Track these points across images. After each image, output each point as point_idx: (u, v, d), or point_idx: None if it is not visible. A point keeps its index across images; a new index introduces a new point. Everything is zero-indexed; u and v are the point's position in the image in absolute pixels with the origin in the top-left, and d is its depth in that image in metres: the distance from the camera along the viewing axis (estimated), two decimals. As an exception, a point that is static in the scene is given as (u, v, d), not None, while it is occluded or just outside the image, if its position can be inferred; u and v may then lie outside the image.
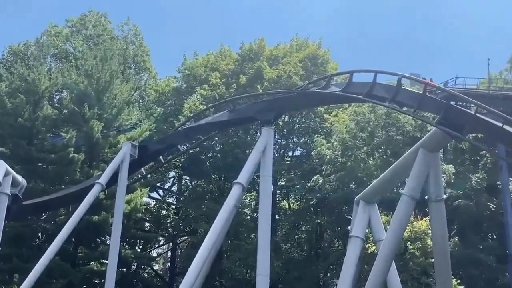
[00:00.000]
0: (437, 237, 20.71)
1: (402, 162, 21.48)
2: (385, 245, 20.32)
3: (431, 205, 20.27)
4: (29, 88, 42.37)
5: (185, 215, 48.70)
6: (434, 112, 20.23)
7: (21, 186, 30.49)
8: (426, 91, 18.94)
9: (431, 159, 19.77)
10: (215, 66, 49.41)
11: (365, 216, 22.89)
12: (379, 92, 20.40)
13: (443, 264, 20.57)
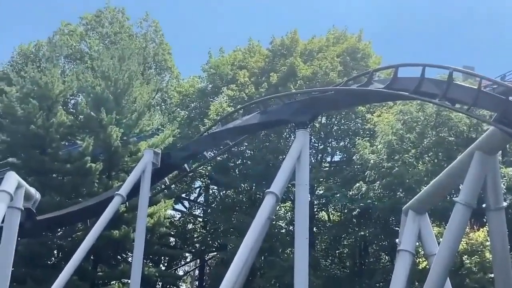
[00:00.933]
0: (496, 250, 20.29)
1: (456, 166, 21.11)
2: (438, 259, 19.99)
3: (489, 214, 19.89)
4: (42, 92, 42.97)
5: (213, 228, 48.85)
6: (491, 110, 19.88)
7: (34, 200, 30.87)
8: (481, 86, 18.61)
9: (488, 162, 19.40)
10: (243, 63, 49.49)
11: (415, 228, 22.57)
12: (428, 88, 20.12)
13: (504, 280, 20.13)
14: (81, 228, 41.91)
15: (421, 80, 20.15)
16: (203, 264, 54.31)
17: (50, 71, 43.85)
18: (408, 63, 22.18)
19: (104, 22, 62.98)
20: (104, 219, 28.21)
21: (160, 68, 64.31)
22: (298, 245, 22.44)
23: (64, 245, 43.07)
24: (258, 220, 21.68)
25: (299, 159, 23.28)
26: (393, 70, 22.21)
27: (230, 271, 20.11)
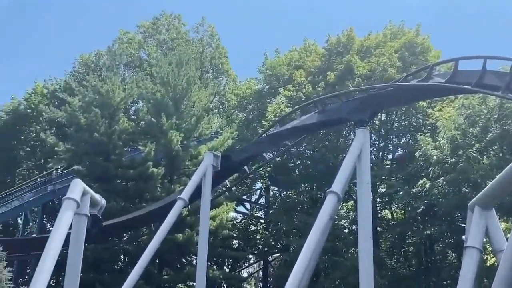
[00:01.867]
0: None
1: (523, 159, 20.50)
2: (507, 255, 19.40)
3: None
4: (103, 101, 43.99)
5: (275, 230, 48.86)
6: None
7: (100, 206, 31.50)
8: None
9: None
10: (300, 63, 49.33)
11: (482, 224, 21.95)
12: (490, 80, 19.64)
13: None
14: (146, 232, 42.66)
15: (482, 73, 19.68)
16: (267, 266, 54.37)
17: (111, 79, 44.83)
18: (468, 56, 21.70)
19: (161, 29, 64.07)
20: (168, 223, 28.58)
21: (217, 71, 64.93)
22: (362, 245, 22.18)
23: (130, 250, 43.89)
24: (320, 220, 21.52)
25: (360, 158, 23.01)
26: (453, 63, 21.77)
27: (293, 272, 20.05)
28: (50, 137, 46.51)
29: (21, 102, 61.33)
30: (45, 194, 50.03)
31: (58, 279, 48.61)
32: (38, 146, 59.37)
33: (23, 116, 60.29)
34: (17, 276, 45.78)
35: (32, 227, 55.05)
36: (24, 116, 60.27)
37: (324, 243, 24.38)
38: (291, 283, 19.81)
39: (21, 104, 61.10)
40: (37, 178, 53.13)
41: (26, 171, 60.69)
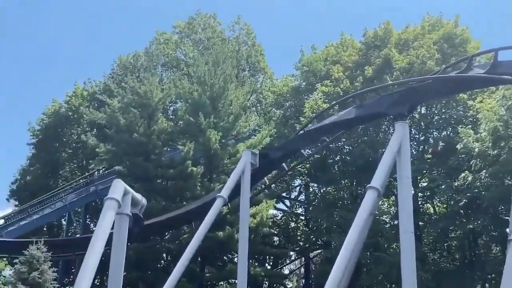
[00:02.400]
0: None
1: None
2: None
3: None
4: (142, 101, 44.50)
5: (316, 226, 48.75)
6: None
7: (141, 205, 31.85)
8: None
9: None
10: (336, 58, 49.03)
11: (526, 216, 21.56)
12: (531, 70, 19.24)
13: None
14: (187, 230, 43.01)
15: (524, 63, 19.31)
16: (308, 262, 54.28)
17: (149, 80, 45.31)
18: (508, 46, 21.25)
19: (197, 28, 64.43)
20: (208, 221, 28.72)
21: (254, 69, 65.01)
22: (404, 240, 21.95)
23: (172, 248, 44.37)
24: (361, 216, 21.37)
25: (400, 152, 22.77)
26: (493, 54, 21.36)
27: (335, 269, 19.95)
28: (91, 139, 47.25)
29: (62, 105, 62.39)
30: (87, 195, 50.87)
31: (102, 278, 49.43)
32: (80, 148, 60.38)
33: (64, 119, 61.34)
34: (61, 276, 46.62)
35: (76, 228, 56.00)
36: (65, 118, 61.32)
37: (365, 238, 24.21)
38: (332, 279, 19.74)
39: (62, 107, 62.17)
40: (79, 179, 54.05)
41: (69, 172, 61.76)
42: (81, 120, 59.52)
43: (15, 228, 45.89)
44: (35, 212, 47.56)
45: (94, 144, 46.42)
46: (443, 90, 26.75)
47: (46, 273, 24.50)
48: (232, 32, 65.82)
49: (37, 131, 61.73)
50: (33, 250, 25.07)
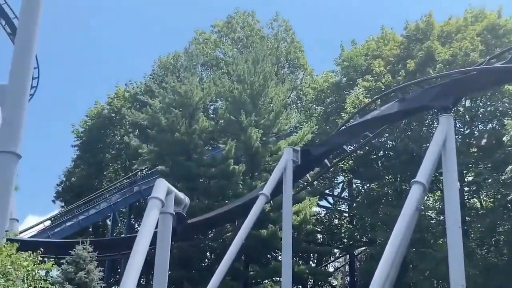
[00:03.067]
0: None
1: None
2: None
3: None
4: (182, 101, 44.80)
5: (360, 223, 48.33)
6: None
7: (184, 204, 32.11)
8: None
9: None
10: (377, 53, 48.48)
11: None
12: None
13: None
14: (230, 229, 43.15)
15: None
16: (353, 260, 53.88)
17: (189, 79, 45.57)
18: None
19: (235, 27, 64.51)
20: (251, 219, 28.77)
21: (293, 66, 64.80)
22: (451, 235, 21.62)
23: (215, 247, 44.57)
24: (406, 211, 21.10)
25: (445, 146, 22.42)
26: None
27: (380, 266, 19.73)
28: (133, 140, 47.77)
29: (105, 107, 63.24)
30: (131, 195, 51.48)
31: (147, 277, 49.93)
32: (123, 149, 61.12)
33: (107, 120, 62.19)
34: (108, 275, 47.30)
35: (121, 228, 56.74)
36: (108, 120, 62.15)
37: (411, 234, 23.88)
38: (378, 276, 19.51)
39: (105, 109, 63.02)
40: (123, 179, 54.70)
41: (113, 173, 62.58)
42: (123, 121, 60.22)
43: (62, 229, 46.72)
44: (80, 213, 48.35)
45: (137, 145, 46.93)
46: (488, 82, 26.24)
47: (92, 273, 24.81)
48: (270, 30, 65.78)
49: (81, 133, 62.73)
50: (79, 250, 25.42)
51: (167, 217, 29.42)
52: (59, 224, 47.60)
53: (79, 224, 47.83)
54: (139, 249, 24.92)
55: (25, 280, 17.20)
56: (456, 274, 20.92)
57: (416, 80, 29.37)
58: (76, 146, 63.20)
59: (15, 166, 26.52)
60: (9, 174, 26.29)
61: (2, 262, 16.76)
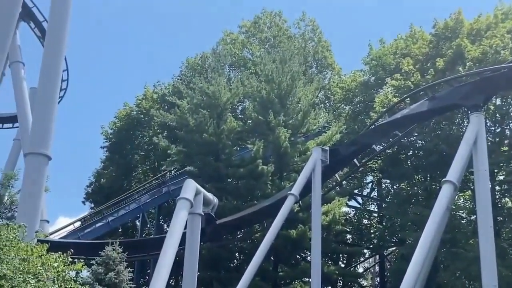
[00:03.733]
0: None
1: None
2: None
3: None
4: (210, 101, 44.96)
5: (390, 223, 47.99)
6: None
7: (213, 205, 32.32)
8: None
9: None
10: (406, 51, 48.12)
11: None
12: None
13: None
14: (259, 229, 43.17)
15: None
16: (383, 260, 53.50)
17: (217, 80, 45.71)
18: None
19: (262, 27, 64.57)
20: (280, 219, 28.83)
21: (321, 66, 64.62)
22: (483, 235, 21.44)
23: (244, 247, 44.66)
24: (437, 211, 20.97)
25: (475, 144, 22.22)
26: None
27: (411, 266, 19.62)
28: (162, 141, 48.06)
29: (133, 108, 63.71)
30: (160, 196, 51.74)
31: (177, 278, 50.23)
32: (152, 150, 61.53)
33: (136, 122, 62.63)
34: (137, 276, 47.70)
35: (150, 229, 57.12)
36: (137, 121, 62.60)
37: (441, 234, 23.73)
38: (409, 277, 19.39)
39: (133, 110, 63.48)
40: (152, 180, 55.03)
41: (142, 174, 63.03)
42: (152, 122, 60.59)
43: (92, 229, 47.16)
44: (110, 214, 48.77)
45: (165, 146, 47.21)
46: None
47: (122, 274, 25.00)
48: (297, 29, 65.68)
49: (110, 135, 63.26)
50: (109, 251, 25.63)
51: (196, 217, 29.62)
52: (89, 225, 48.06)
53: (108, 225, 48.21)
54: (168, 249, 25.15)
55: (56, 281, 17.35)
56: (488, 274, 20.73)
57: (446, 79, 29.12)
58: (105, 147, 63.77)
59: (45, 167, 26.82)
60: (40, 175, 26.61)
61: (33, 263, 16.96)
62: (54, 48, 27.98)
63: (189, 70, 62.88)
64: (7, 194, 43.86)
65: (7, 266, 16.38)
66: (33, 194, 26.02)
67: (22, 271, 16.49)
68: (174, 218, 27.33)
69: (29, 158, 26.56)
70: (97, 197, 60.45)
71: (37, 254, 17.37)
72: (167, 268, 24.69)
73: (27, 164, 27.02)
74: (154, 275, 24.90)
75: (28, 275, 16.48)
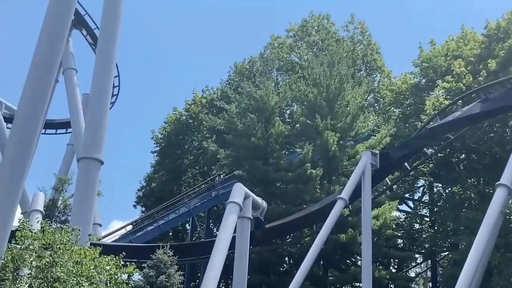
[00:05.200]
0: None
1: None
2: None
3: None
4: (258, 106, 45.13)
5: (442, 228, 47.24)
6: None
7: (262, 209, 32.46)
8: None
9: None
10: (457, 53, 47.35)
11: None
12: None
13: None
14: (308, 233, 43.07)
15: None
16: (435, 265, 52.61)
17: (264, 84, 45.88)
18: None
19: (310, 31, 64.41)
20: (329, 223, 28.76)
21: (370, 68, 64.07)
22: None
23: (294, 252, 44.58)
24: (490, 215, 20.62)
25: (531, 147, 21.71)
26: None
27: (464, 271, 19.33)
28: (211, 145, 48.49)
29: (182, 113, 64.37)
30: (209, 200, 52.08)
31: (227, 281, 50.46)
32: (201, 154, 62.06)
33: (185, 126, 63.25)
34: (188, 279, 48.07)
35: (200, 232, 57.57)
36: (186, 126, 63.21)
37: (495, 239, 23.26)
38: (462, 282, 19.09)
39: (183, 115, 64.14)
40: (201, 184, 55.47)
41: (191, 178, 63.58)
42: (201, 127, 61.13)
43: (143, 233, 47.80)
44: (160, 218, 49.33)
45: (215, 150, 47.60)
46: None
47: (173, 277, 25.34)
48: (346, 32, 65.25)
49: (160, 139, 64.09)
50: (160, 255, 26.01)
51: (245, 221, 29.79)
52: (140, 229, 48.73)
53: (159, 229, 48.79)
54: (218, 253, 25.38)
55: (108, 284, 17.68)
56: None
57: (499, 80, 28.58)
58: (156, 152, 64.65)
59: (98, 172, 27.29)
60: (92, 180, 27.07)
61: (86, 265, 17.32)
62: (106, 55, 28.49)
63: (237, 75, 63.21)
64: (61, 198, 44.96)
65: (61, 269, 16.78)
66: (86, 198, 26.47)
67: (75, 274, 16.87)
68: (224, 222, 27.57)
69: (82, 163, 27.06)
70: (148, 201, 61.34)
71: (90, 257, 17.74)
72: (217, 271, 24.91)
73: (80, 169, 27.52)
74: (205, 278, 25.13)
75: (82, 277, 16.85)
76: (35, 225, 20.68)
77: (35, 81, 20.29)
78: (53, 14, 22.12)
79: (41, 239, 17.84)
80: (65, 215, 43.36)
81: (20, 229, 18.10)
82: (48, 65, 20.75)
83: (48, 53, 20.76)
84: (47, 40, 20.85)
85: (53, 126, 58.98)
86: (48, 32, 20.96)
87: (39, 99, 20.36)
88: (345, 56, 51.37)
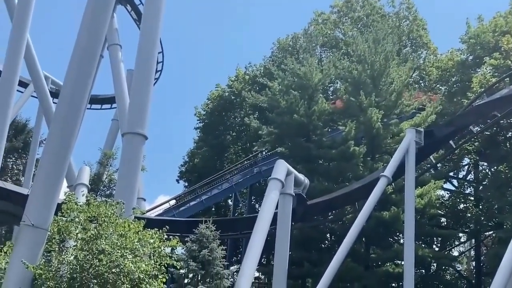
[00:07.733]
0: None
1: None
2: None
3: None
4: (301, 83, 44.85)
5: (486, 207, 46.47)
6: None
7: (304, 186, 32.41)
8: None
9: None
10: (506, 29, 46.13)
11: None
12: None
13: None
14: (350, 211, 42.89)
15: None
16: (479, 244, 51.86)
17: (308, 61, 45.50)
18: None
19: (355, 6, 63.66)
20: (372, 201, 28.53)
21: (416, 45, 63.05)
22: None
23: (335, 229, 44.50)
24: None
25: None
26: None
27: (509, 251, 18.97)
28: (253, 122, 48.48)
29: (225, 90, 64.51)
30: (251, 176, 52.27)
31: (268, 257, 50.77)
32: (243, 131, 62.24)
33: (228, 103, 63.43)
34: (230, 254, 48.50)
35: (242, 208, 57.91)
36: (229, 102, 63.39)
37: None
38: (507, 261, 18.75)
39: (226, 91, 64.28)
40: (243, 161, 55.66)
41: (234, 154, 63.85)
42: (243, 104, 61.20)
43: (186, 208, 48.35)
44: (203, 193, 49.76)
45: (257, 127, 47.59)
46: None
47: (215, 251, 25.51)
48: (392, 8, 64.26)
49: (203, 116, 64.45)
50: (203, 229, 26.19)
51: (287, 198, 29.82)
52: (183, 204, 49.28)
53: (202, 204, 49.25)
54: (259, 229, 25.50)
55: (152, 257, 17.96)
56: None
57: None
58: (199, 128, 65.06)
59: (142, 147, 27.59)
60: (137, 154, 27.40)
61: (130, 238, 17.61)
62: (150, 31, 28.62)
63: (280, 51, 62.94)
64: (106, 172, 45.76)
65: (106, 241, 17.11)
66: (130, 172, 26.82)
67: (120, 246, 17.17)
68: (266, 198, 27.63)
69: (126, 138, 27.40)
70: (191, 176, 61.98)
71: (134, 231, 18.03)
72: (258, 247, 25.03)
73: (124, 144, 27.88)
74: (246, 253, 25.29)
75: (126, 250, 17.14)
76: (81, 198, 21.11)
77: (81, 57, 20.48)
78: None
79: (86, 212, 18.20)
80: (110, 189, 44.15)
81: (66, 202, 18.49)
82: (93, 41, 20.91)
83: (93, 28, 20.91)
84: (92, 16, 20.99)
85: (98, 102, 59.89)
86: (93, 7, 21.09)
87: (85, 74, 20.57)
88: (391, 32, 50.44)
